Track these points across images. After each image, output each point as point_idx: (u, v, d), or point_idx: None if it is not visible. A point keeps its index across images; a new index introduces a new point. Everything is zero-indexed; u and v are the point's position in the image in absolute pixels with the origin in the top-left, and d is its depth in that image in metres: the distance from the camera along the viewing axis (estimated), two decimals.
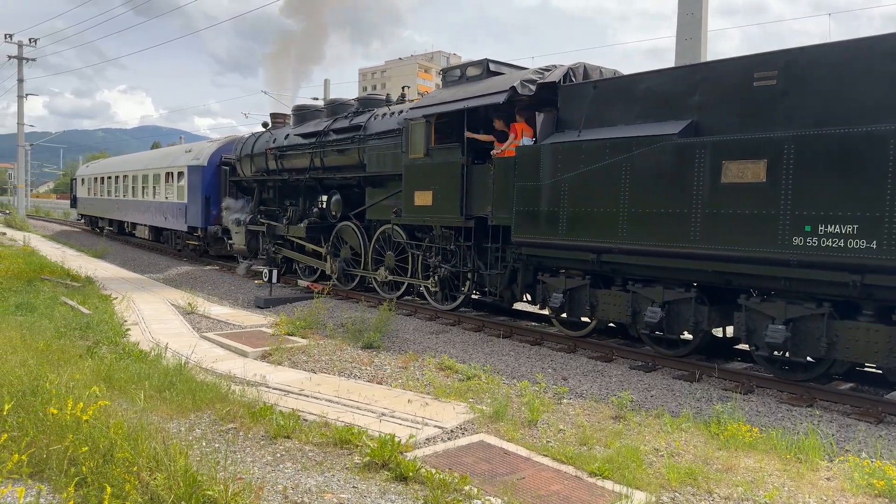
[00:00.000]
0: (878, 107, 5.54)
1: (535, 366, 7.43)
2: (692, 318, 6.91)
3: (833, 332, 5.94)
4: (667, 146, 6.70)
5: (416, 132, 9.69)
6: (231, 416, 5.11)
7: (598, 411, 5.88)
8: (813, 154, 5.75)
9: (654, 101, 7.09)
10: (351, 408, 5.76)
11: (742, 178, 6.16)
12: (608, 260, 7.45)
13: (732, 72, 6.53)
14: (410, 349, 8.19)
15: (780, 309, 6.21)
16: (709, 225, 6.40)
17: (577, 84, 8.03)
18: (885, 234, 5.35)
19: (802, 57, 6.10)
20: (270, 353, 7.96)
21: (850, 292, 5.73)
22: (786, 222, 5.88)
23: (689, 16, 10.67)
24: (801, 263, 5.85)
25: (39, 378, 4.61)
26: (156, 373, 5.94)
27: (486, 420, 5.44)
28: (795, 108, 6.03)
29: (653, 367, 7.27)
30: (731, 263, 6.35)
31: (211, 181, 17.54)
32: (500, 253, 8.84)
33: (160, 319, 10.08)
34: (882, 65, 5.56)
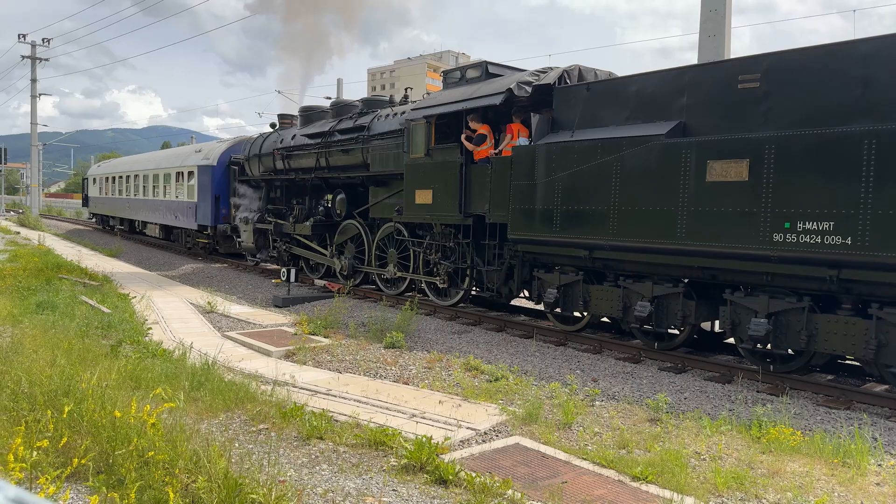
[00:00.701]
0: (853, 108, 5.79)
1: (563, 367, 7.37)
2: (680, 312, 7.18)
3: (813, 326, 6.19)
4: (655, 146, 6.97)
5: (417, 132, 10.01)
6: (262, 416, 5.04)
7: (632, 414, 5.77)
8: (792, 154, 6.00)
9: (644, 103, 7.36)
10: (380, 408, 5.71)
11: (726, 177, 6.42)
12: (600, 256, 7.73)
13: (718, 74, 6.79)
14: (434, 349, 8.16)
15: (762, 303, 6.46)
16: (694, 222, 6.66)
17: (572, 86, 8.31)
18: (860, 230, 5.59)
19: (784, 60, 6.35)
20: (294, 353, 7.94)
21: (828, 287, 5.98)
22: (766, 219, 6.14)
23: (712, 12, 10.59)
24: (782, 259, 6.10)
25: (71, 378, 4.56)
26: (183, 372, 5.89)
27: (519, 422, 5.36)
28: (777, 110, 6.28)
29: (683, 369, 7.17)
30: (716, 259, 6.62)
31: (220, 180, 17.96)
32: (497, 250, 9.13)
33: (180, 318, 10.12)
34: (856, 68, 5.80)
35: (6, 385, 4.56)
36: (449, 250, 9.96)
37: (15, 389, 4.46)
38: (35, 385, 4.48)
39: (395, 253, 11.34)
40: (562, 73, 8.51)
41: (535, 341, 8.39)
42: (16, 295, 9.92)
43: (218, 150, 18.58)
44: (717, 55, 10.35)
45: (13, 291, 10.22)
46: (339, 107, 13.59)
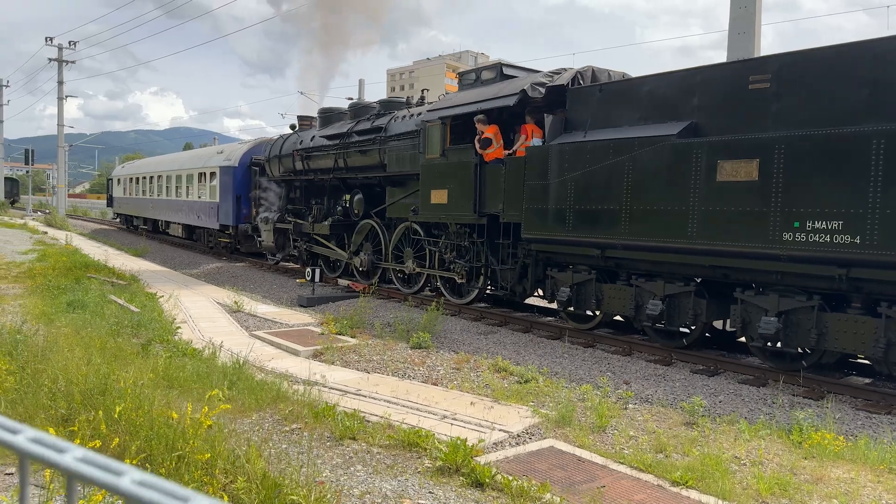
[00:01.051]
0: (862, 108, 5.85)
1: (593, 369, 7.32)
2: (691, 310, 7.26)
3: (823, 324, 6.25)
4: (666, 146, 7.07)
5: (433, 133, 10.19)
6: (294, 415, 5.02)
7: (667, 417, 5.69)
8: (801, 154, 6.07)
9: (656, 104, 7.46)
10: (411, 409, 5.70)
11: (736, 177, 6.50)
12: (612, 255, 7.84)
13: (729, 75, 6.87)
14: (461, 350, 8.17)
15: (772, 302, 6.53)
16: (705, 221, 6.75)
17: (585, 87, 8.43)
18: (868, 229, 5.65)
19: (794, 61, 6.42)
20: (322, 353, 7.97)
21: (837, 285, 6.04)
22: (776, 218, 6.21)
23: (742, 10, 10.45)
24: (791, 258, 6.17)
25: (108, 377, 4.58)
26: (215, 372, 5.92)
27: (552, 425, 5.32)
28: (787, 110, 6.35)
29: (715, 372, 7.07)
30: (726, 258, 6.71)
31: (242, 181, 18.31)
32: (511, 249, 9.28)
33: (208, 317, 10.20)
34: (866, 69, 5.85)
35: (43, 383, 4.60)
36: (464, 249, 10.12)
37: (52, 388, 4.49)
38: (72, 384, 4.48)
39: (412, 252, 11.53)
40: (575, 74, 8.63)
41: (563, 343, 8.35)
42: (46, 294, 10.13)
43: (239, 151, 18.95)
44: (747, 53, 10.24)
45: (44, 290, 10.43)
46: (356, 108, 13.82)
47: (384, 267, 12.43)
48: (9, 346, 5.56)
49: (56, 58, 39.93)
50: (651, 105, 7.52)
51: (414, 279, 11.78)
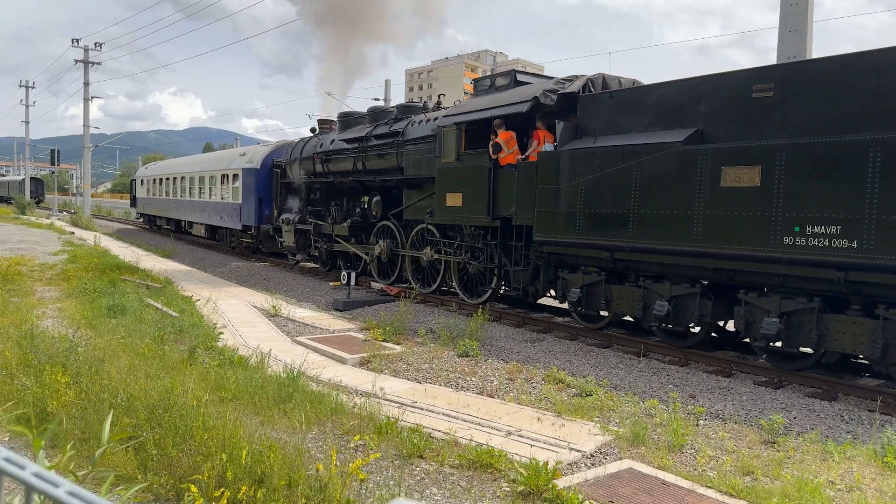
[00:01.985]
0: (862, 117, 6.08)
1: (652, 380, 7.12)
2: (697, 311, 7.53)
3: (823, 325, 6.49)
4: (672, 153, 7.34)
5: (448, 138, 10.54)
6: (357, 430, 4.93)
7: (743, 435, 5.49)
8: (802, 161, 6.32)
9: (664, 111, 7.73)
10: (473, 424, 5.59)
11: (739, 183, 6.76)
12: (620, 258, 8.13)
13: (734, 83, 7.13)
14: (510, 359, 8.03)
15: (775, 303, 6.78)
16: (709, 225, 7.02)
17: (595, 94, 8.73)
18: (865, 234, 5.89)
19: (797, 70, 6.67)
20: (369, 360, 7.90)
21: (836, 288, 6.28)
22: (777, 223, 6.46)
23: (793, 6, 9.92)
24: (791, 261, 6.43)
25: (171, 391, 4.50)
26: (270, 383, 5.78)
27: (626, 443, 5.13)
28: (790, 118, 6.60)
29: (780, 384, 6.85)
30: (730, 261, 6.97)
31: (263, 183, 18.85)
32: (524, 251, 9.60)
33: (247, 322, 10.15)
34: (866, 78, 6.09)
35: (103, 398, 4.51)
36: (478, 251, 10.46)
37: (112, 402, 4.41)
38: (135, 398, 4.41)
39: (430, 251, 11.88)
40: (586, 81, 8.93)
41: (613, 352, 8.25)
42: (83, 297, 10.25)
43: (261, 153, 19.48)
44: (798, 51, 9.82)
45: (80, 294, 10.54)
46: (375, 113, 14.23)
47: (402, 254, 12.68)
48: (62, 355, 5.55)
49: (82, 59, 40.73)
50: (659, 112, 7.80)
51: (430, 279, 12.14)
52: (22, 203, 42.08)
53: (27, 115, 55.00)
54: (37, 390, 4.73)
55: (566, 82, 9.13)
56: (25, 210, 39.83)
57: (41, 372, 5.14)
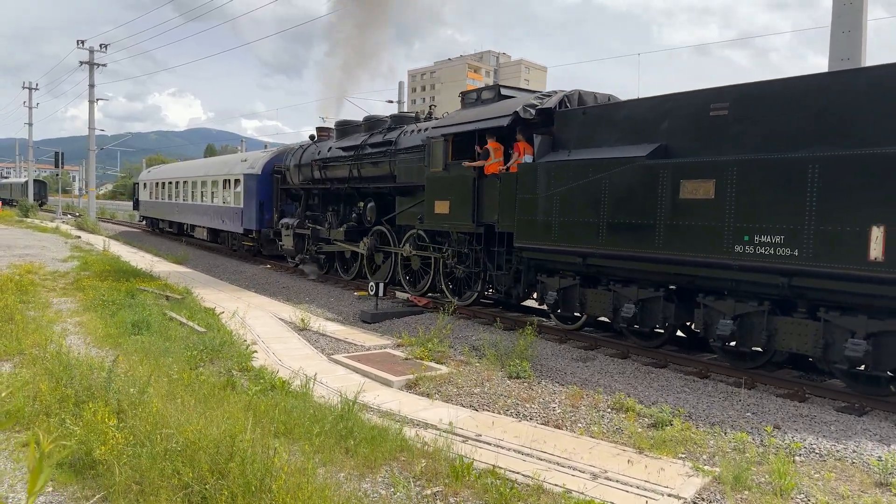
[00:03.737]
0: (807, 136, 6.73)
1: (725, 406, 6.76)
2: (661, 314, 8.18)
3: (773, 326, 7.13)
4: (637, 166, 8.00)
5: (436, 149, 11.22)
6: (429, 473, 4.55)
7: (849, 475, 5.14)
8: (751, 175, 6.97)
9: (632, 127, 8.40)
10: (551, 463, 5.22)
11: (696, 195, 7.42)
12: (592, 263, 8.79)
13: (693, 102, 7.78)
14: (565, 381, 7.72)
15: (729, 306, 7.43)
16: (670, 234, 7.67)
17: (570, 110, 9.39)
18: (805, 243, 6.54)
19: (749, 91, 7.31)
20: (416, 383, 7.58)
21: (782, 292, 6.93)
22: (730, 232, 7.11)
23: (847, 6, 9.44)
24: (742, 267, 7.08)
25: (234, 436, 4.07)
26: (327, 416, 5.42)
27: (727, 487, 4.77)
28: (743, 135, 7.25)
29: (863, 410, 6.60)
30: (688, 267, 7.63)
31: (264, 188, 19.60)
32: (506, 256, 10.27)
33: (277, 337, 9.86)
34: (809, 100, 6.74)
35: (156, 441, 4.11)
36: (464, 255, 11.13)
37: (167, 447, 4.03)
38: (195, 445, 4.01)
39: (419, 258, 12.57)
40: (562, 97, 9.60)
41: (672, 372, 8.00)
42: (103, 310, 9.94)
43: (262, 159, 20.23)
44: (852, 52, 9.35)
45: (99, 306, 10.23)
46: (370, 122, 14.93)
47: (390, 251, 13.39)
48: (100, 387, 5.12)
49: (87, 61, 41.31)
50: (627, 128, 8.46)
51: (419, 280, 12.81)
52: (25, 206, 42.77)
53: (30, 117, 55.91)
54: (79, 431, 4.33)
55: (545, 98, 9.80)
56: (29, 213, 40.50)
57: (80, 407, 4.77)
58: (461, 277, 11.51)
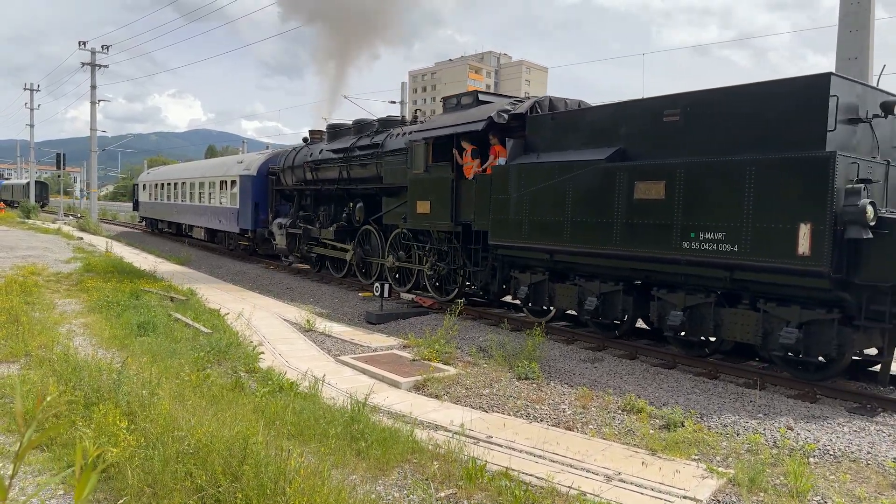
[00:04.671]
0: (748, 140, 7.37)
1: (737, 408, 6.76)
2: (620, 306, 8.83)
3: (719, 317, 7.77)
4: (597, 169, 8.65)
5: (418, 152, 11.89)
6: (441, 475, 4.55)
7: (865, 477, 5.12)
8: (696, 177, 7.62)
9: (595, 131, 9.05)
10: (564, 465, 5.22)
11: (648, 195, 8.06)
12: (559, 259, 9.45)
13: (649, 109, 8.43)
14: (573, 382, 7.78)
15: (680, 298, 8.08)
16: (626, 232, 8.32)
17: (540, 115, 10.05)
18: (744, 239, 7.17)
19: (698, 98, 7.97)
20: (424, 384, 7.62)
21: (725, 285, 7.57)
22: (678, 230, 7.76)
23: (854, 5, 9.57)
24: (689, 262, 7.72)
25: (247, 439, 4.07)
26: (336, 418, 5.43)
27: (742, 489, 4.77)
28: (692, 140, 7.90)
29: (874, 410, 6.65)
30: (643, 262, 8.28)
31: (259, 189, 20.31)
32: (482, 253, 10.92)
33: (283, 338, 9.93)
34: (746, 107, 7.38)
35: (168, 443, 4.08)
36: (444, 253, 11.79)
37: (179, 450, 4.02)
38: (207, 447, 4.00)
39: (404, 255, 13.23)
40: (534, 103, 10.26)
41: (681, 373, 8.07)
42: (108, 312, 10.04)
43: (258, 161, 20.94)
44: (860, 52, 9.52)
45: (103, 307, 10.35)
46: (359, 125, 15.61)
47: (375, 262, 14.12)
48: (110, 389, 5.13)
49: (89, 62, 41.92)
50: (591, 132, 9.11)
51: (405, 278, 13.48)
52: (27, 207, 43.47)
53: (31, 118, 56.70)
54: (89, 434, 4.29)
55: (518, 103, 10.45)
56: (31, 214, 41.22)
57: (90, 410, 4.75)
58: (443, 275, 12.17)
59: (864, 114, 7.30)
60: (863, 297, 6.70)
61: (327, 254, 16.12)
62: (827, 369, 7.28)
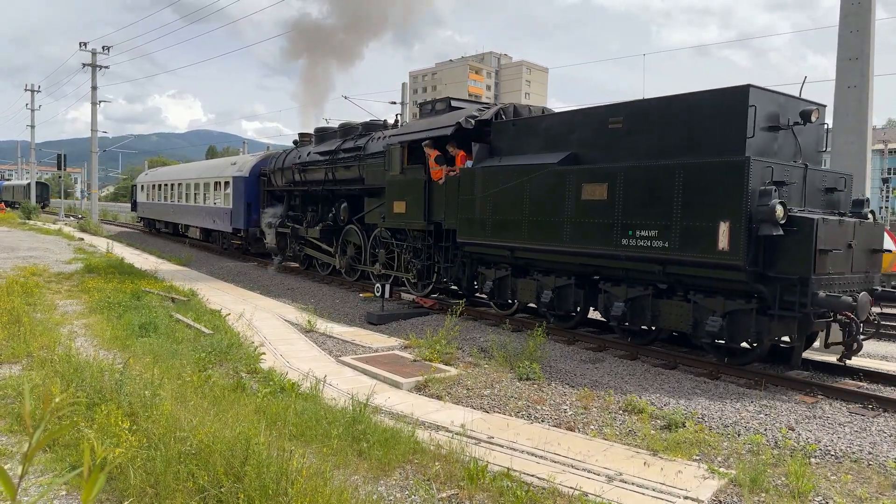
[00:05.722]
0: (681, 146, 8.19)
1: (738, 408, 6.84)
2: (573, 298, 9.66)
3: (656, 308, 8.59)
4: (550, 172, 9.49)
5: (394, 154, 12.75)
6: (443, 475, 4.59)
7: (866, 477, 5.18)
8: (633, 180, 8.45)
9: (551, 137, 9.89)
10: (566, 466, 5.28)
11: (593, 197, 8.90)
12: (520, 255, 10.29)
13: (596, 116, 9.27)
14: (574, 382, 7.86)
15: (622, 291, 8.91)
16: (575, 230, 9.15)
17: (503, 121, 10.90)
18: (673, 236, 8.00)
19: (639, 107, 8.80)
20: (426, 385, 7.69)
21: (658, 278, 8.40)
22: (618, 228, 8.59)
23: (854, 5, 9.70)
24: (628, 258, 8.55)
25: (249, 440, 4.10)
26: (337, 418, 5.47)
27: (743, 489, 4.82)
28: (633, 145, 8.72)
29: (876, 410, 6.75)
30: (590, 258, 9.11)
31: (251, 189, 21.21)
32: (453, 250, 11.76)
33: (284, 339, 10.03)
34: (679, 115, 8.20)
35: (170, 444, 4.12)
36: (418, 251, 12.64)
37: (181, 450, 4.05)
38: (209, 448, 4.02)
39: (384, 253, 14.09)
40: (498, 110, 11.11)
41: (683, 373, 8.20)
42: (109, 313, 10.15)
43: (250, 163, 21.84)
44: (860, 52, 9.67)
45: (105, 308, 10.45)
46: (345, 129, 16.49)
47: (361, 269, 15.05)
48: (112, 390, 5.17)
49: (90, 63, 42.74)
50: (547, 138, 9.95)
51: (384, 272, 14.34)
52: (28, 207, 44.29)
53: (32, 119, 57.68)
54: (90, 434, 4.30)
55: (484, 109, 11.30)
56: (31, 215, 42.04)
57: (92, 410, 4.79)
58: (420, 271, 13.01)
59: (786, 121, 8.12)
60: (776, 288, 7.51)
61: (314, 254, 17.01)
62: (749, 355, 8.10)
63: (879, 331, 8.65)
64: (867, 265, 8.11)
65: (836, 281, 7.59)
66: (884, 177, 58.88)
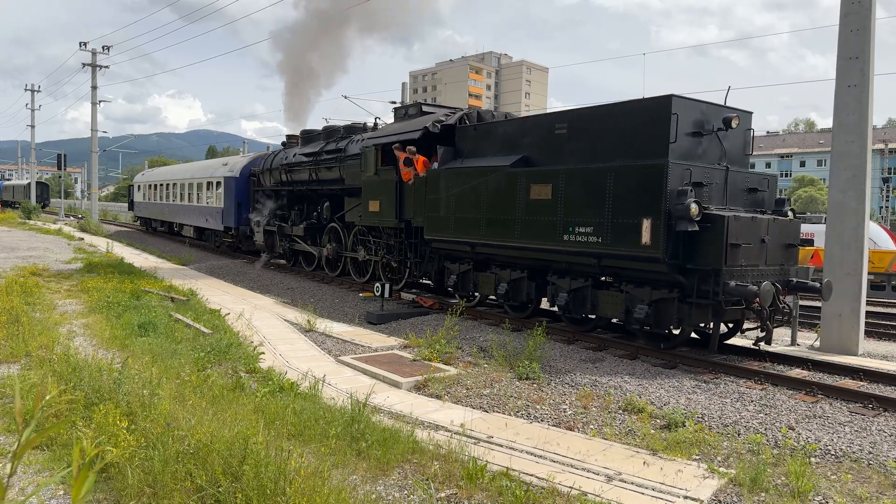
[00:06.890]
0: (617, 150, 9.17)
1: (738, 408, 6.89)
2: (525, 290, 10.65)
3: (595, 298, 9.58)
4: (503, 173, 10.49)
5: (369, 156, 13.77)
6: (442, 475, 4.64)
7: (866, 477, 5.21)
8: (573, 181, 9.43)
9: (506, 141, 10.89)
10: (565, 465, 5.32)
11: (540, 196, 9.89)
12: (479, 251, 11.29)
13: (544, 122, 10.28)
14: (574, 382, 7.95)
15: (566, 283, 9.90)
16: (525, 227, 10.15)
17: (465, 126, 11.92)
18: (606, 232, 8.98)
19: (581, 114, 9.79)
20: (425, 384, 7.77)
21: (595, 271, 9.38)
22: (560, 226, 9.58)
23: (854, 4, 9.77)
24: (569, 252, 9.54)
25: (247, 439, 4.13)
26: (336, 417, 5.52)
27: (743, 489, 4.86)
28: (576, 149, 9.71)
29: (877, 409, 6.81)
30: (538, 252, 10.11)
31: (242, 189, 22.28)
32: (423, 247, 12.77)
33: (283, 339, 10.12)
34: (614, 122, 9.19)
35: (168, 443, 4.15)
36: (391, 247, 13.65)
37: (179, 450, 4.08)
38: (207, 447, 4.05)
39: (363, 250, 15.11)
40: (462, 115, 12.12)
41: (684, 374, 8.26)
42: (109, 312, 10.26)
43: (241, 163, 22.91)
44: (861, 52, 9.86)
45: (104, 308, 10.57)
46: (328, 131, 17.53)
47: (345, 255, 16.03)
48: (110, 389, 5.19)
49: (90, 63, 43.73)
50: (504, 142, 10.95)
51: (363, 270, 15.35)
52: (28, 207, 45.30)
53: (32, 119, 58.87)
54: (89, 433, 4.32)
55: (450, 114, 12.31)
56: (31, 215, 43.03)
57: (90, 410, 4.79)
58: (395, 266, 14.02)
59: (712, 127, 9.09)
60: (694, 279, 8.48)
61: (300, 248, 18.06)
62: (674, 339, 9.08)
63: (789, 319, 9.52)
64: (782, 258, 9.07)
65: (748, 272, 8.56)
66: (884, 176, 59.60)
